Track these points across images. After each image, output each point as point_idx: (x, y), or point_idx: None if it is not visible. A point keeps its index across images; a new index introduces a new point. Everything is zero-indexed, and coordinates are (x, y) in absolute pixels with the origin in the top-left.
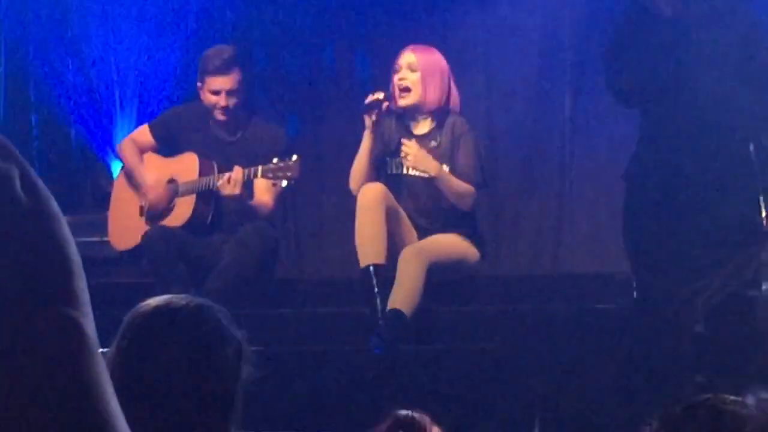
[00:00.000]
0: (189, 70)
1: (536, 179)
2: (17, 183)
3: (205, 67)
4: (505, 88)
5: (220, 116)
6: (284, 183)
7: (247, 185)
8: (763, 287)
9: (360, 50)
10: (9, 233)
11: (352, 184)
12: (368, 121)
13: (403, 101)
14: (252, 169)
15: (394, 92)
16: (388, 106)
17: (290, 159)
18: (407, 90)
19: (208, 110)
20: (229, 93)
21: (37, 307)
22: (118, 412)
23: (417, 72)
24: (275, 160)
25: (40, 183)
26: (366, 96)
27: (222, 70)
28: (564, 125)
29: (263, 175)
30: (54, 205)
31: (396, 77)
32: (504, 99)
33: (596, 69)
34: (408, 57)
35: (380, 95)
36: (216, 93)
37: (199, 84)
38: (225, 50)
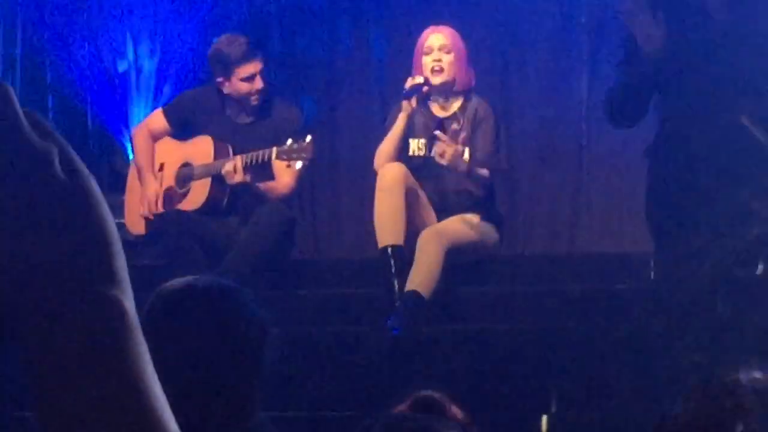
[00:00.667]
0: (204, 53)
1: (553, 160)
2: (56, 161)
3: (228, 57)
4: (521, 69)
5: (255, 101)
6: (299, 164)
7: (265, 167)
8: None
9: (374, 30)
10: (49, 212)
11: (378, 163)
12: (407, 105)
13: (437, 80)
14: (266, 152)
15: (424, 73)
16: (427, 90)
17: (304, 140)
18: (441, 71)
19: (222, 94)
20: (261, 76)
21: (78, 286)
22: (160, 392)
23: (451, 53)
24: (289, 142)
25: (80, 161)
26: (387, 77)
27: (249, 56)
28: (581, 106)
29: (278, 157)
30: (94, 183)
31: (428, 58)
32: (520, 80)
33: (613, 50)
34: (438, 38)
35: (420, 79)
36: (249, 79)
37: (220, 79)
38: (241, 39)
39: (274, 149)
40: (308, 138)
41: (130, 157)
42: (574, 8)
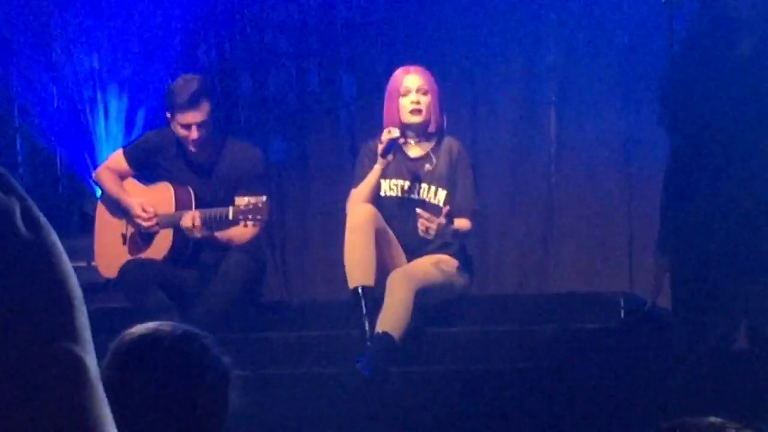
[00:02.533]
0: None
1: (523, 200)
2: (18, 217)
3: (174, 101)
4: (489, 110)
5: (192, 148)
6: (254, 226)
7: (222, 221)
8: None
9: (344, 71)
10: (10, 268)
11: (350, 207)
12: (382, 159)
13: (416, 120)
14: (223, 210)
15: (396, 115)
16: (404, 143)
17: (259, 201)
18: (419, 112)
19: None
20: (200, 126)
21: (39, 343)
22: None
23: (428, 95)
24: (245, 200)
25: (41, 216)
26: (357, 119)
27: (191, 104)
28: (549, 146)
29: (234, 217)
30: (55, 238)
31: (405, 100)
32: (489, 119)
33: (581, 88)
34: (415, 80)
35: (396, 132)
36: (187, 127)
37: (168, 115)
38: (192, 82)
39: (231, 209)
40: (263, 198)
41: (99, 198)
42: (540, 49)
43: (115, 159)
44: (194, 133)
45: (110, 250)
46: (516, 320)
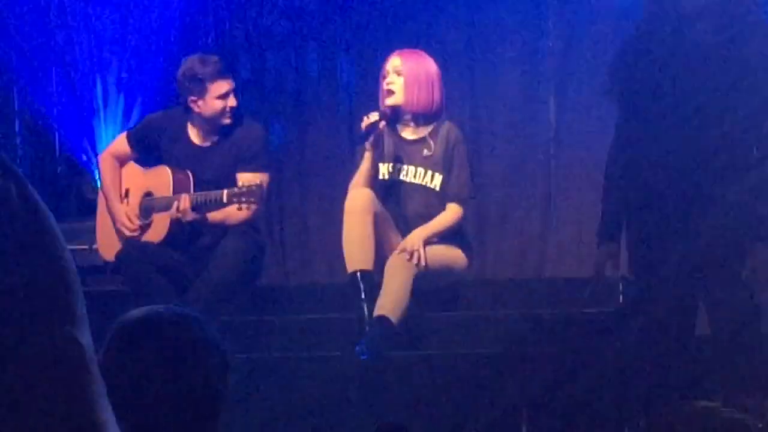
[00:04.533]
0: (172, 75)
1: (521, 185)
2: (15, 199)
3: (203, 74)
4: (489, 94)
5: (227, 120)
6: (249, 209)
7: (219, 204)
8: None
9: (343, 55)
10: (8, 250)
11: (349, 192)
12: (367, 144)
13: (389, 101)
14: (217, 193)
15: (382, 97)
16: (384, 125)
17: (253, 183)
18: (391, 93)
19: (185, 116)
20: (234, 94)
21: (37, 324)
22: (114, 425)
23: (402, 76)
24: (240, 184)
25: (38, 198)
26: (356, 103)
27: (223, 73)
28: (548, 130)
29: (228, 201)
30: (51, 220)
31: (384, 82)
32: (488, 104)
33: (580, 75)
34: (394, 61)
35: (375, 116)
36: (224, 96)
37: (193, 98)
38: (213, 58)
39: (225, 192)
40: (258, 181)
41: (99, 182)
42: (543, 34)
43: (119, 142)
44: (233, 101)
45: (111, 233)
46: (515, 305)
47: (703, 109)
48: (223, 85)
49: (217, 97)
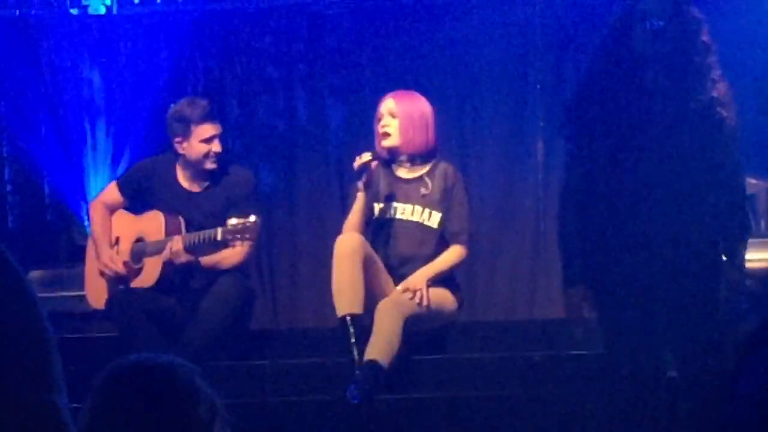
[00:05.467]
0: (161, 122)
1: (510, 226)
2: None
3: (190, 117)
4: (478, 135)
5: (210, 165)
6: (243, 246)
7: (212, 244)
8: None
9: (331, 99)
10: None
11: (339, 236)
12: (360, 184)
13: (385, 143)
14: (211, 232)
15: (378, 140)
16: (377, 165)
17: (248, 219)
18: (387, 135)
19: (174, 160)
20: (219, 139)
21: (18, 393)
22: None
23: (396, 118)
24: (234, 221)
25: (16, 264)
26: (345, 146)
27: (209, 117)
28: (537, 170)
29: (222, 238)
30: (30, 286)
31: (378, 125)
32: (477, 146)
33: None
34: (388, 103)
35: (368, 156)
36: (208, 140)
37: (178, 139)
38: (201, 102)
39: (219, 230)
40: (252, 218)
41: (88, 228)
42: (530, 76)
43: (109, 191)
44: (217, 146)
45: (99, 281)
46: (504, 347)
47: (655, 149)
48: (208, 129)
49: (201, 141)
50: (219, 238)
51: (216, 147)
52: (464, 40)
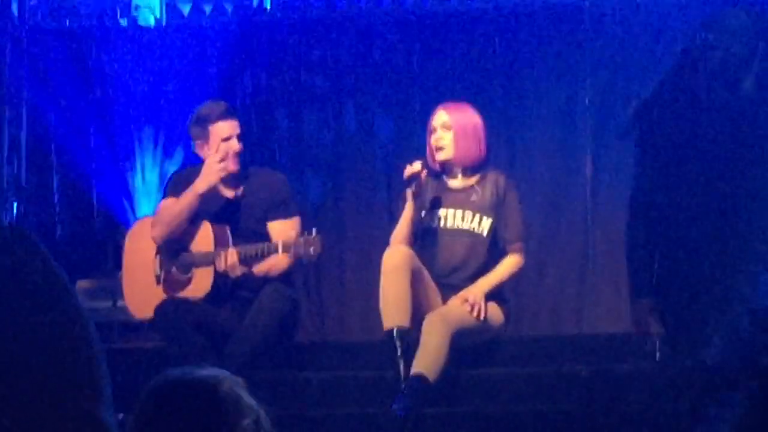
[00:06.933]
0: None
1: (558, 239)
2: (43, 284)
3: (207, 116)
4: (527, 148)
5: (233, 166)
6: (308, 259)
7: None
8: None
9: (379, 111)
10: (37, 330)
11: (387, 249)
12: (409, 193)
13: (440, 157)
14: (269, 245)
15: (431, 153)
16: (426, 174)
17: (311, 234)
18: (441, 149)
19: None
20: (238, 138)
21: (65, 405)
22: None
23: (450, 131)
24: (295, 235)
25: (63, 274)
26: (393, 159)
27: (227, 115)
28: (586, 184)
29: (284, 251)
30: (74, 293)
31: (432, 138)
32: (526, 158)
33: (617, 129)
34: (441, 117)
35: (418, 165)
36: (227, 139)
37: (199, 141)
38: (218, 101)
39: (280, 243)
40: (314, 232)
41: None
42: (579, 89)
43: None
44: (236, 145)
45: (143, 291)
46: (552, 362)
47: (724, 161)
48: (224, 127)
49: (220, 139)
50: (280, 252)
51: (235, 146)
52: (513, 53)
